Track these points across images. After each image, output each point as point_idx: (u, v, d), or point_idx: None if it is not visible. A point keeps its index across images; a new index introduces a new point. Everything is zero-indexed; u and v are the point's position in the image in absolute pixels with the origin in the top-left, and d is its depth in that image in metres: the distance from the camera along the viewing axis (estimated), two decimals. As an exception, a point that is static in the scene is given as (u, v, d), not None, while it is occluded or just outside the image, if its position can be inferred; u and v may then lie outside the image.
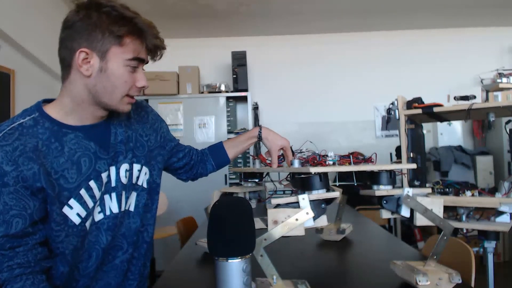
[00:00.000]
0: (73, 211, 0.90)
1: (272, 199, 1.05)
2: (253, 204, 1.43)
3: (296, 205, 1.01)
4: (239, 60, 3.96)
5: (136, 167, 1.04)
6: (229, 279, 0.75)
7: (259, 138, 1.28)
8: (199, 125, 3.91)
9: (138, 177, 1.05)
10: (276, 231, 0.99)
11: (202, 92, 4.02)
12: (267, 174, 1.43)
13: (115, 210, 0.99)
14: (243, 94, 3.97)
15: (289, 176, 1.24)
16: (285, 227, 0.99)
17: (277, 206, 1.04)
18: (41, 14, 3.04)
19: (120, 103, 0.94)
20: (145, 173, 1.07)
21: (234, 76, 3.96)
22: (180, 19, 3.85)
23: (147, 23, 0.92)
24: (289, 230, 0.99)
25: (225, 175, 3.85)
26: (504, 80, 3.65)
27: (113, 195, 0.98)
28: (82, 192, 0.92)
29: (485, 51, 4.37)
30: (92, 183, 0.93)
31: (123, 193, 1.01)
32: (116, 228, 1.00)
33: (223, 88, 3.99)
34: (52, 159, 0.88)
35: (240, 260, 0.76)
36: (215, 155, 1.35)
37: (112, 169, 0.98)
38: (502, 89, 1.97)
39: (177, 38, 4.29)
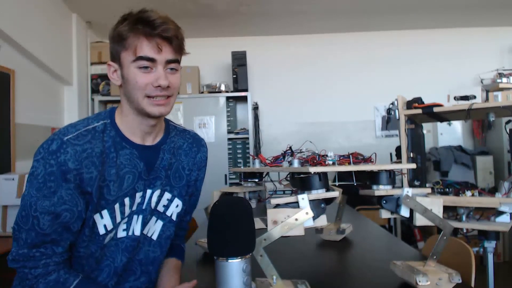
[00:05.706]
0: (102, 221, 0.93)
1: (271, 199, 1.05)
2: (253, 204, 1.43)
3: (295, 205, 1.01)
4: (239, 60, 3.96)
5: (167, 196, 1.04)
6: (229, 279, 0.75)
7: None
8: (199, 125, 3.91)
9: (166, 207, 1.05)
10: (276, 231, 0.99)
11: (202, 92, 4.01)
12: (267, 174, 1.43)
13: (137, 232, 1.00)
14: (243, 94, 3.97)
15: (288, 176, 1.24)
16: (285, 227, 0.99)
17: (277, 206, 1.04)
18: (41, 14, 3.04)
19: (145, 105, 0.91)
20: (177, 205, 1.07)
21: (234, 76, 3.96)
22: (180, 19, 3.79)
23: (144, 13, 0.91)
24: (289, 230, 0.99)
25: (225, 175, 3.85)
26: (504, 80, 3.64)
27: (140, 217, 0.99)
28: (116, 206, 0.94)
29: (485, 51, 4.36)
30: (126, 200, 0.95)
31: (148, 217, 1.02)
32: (133, 251, 1.00)
33: (223, 88, 3.99)
34: (106, 167, 0.91)
35: (240, 260, 0.76)
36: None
37: (148, 192, 1.00)
38: (502, 89, 1.97)
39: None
